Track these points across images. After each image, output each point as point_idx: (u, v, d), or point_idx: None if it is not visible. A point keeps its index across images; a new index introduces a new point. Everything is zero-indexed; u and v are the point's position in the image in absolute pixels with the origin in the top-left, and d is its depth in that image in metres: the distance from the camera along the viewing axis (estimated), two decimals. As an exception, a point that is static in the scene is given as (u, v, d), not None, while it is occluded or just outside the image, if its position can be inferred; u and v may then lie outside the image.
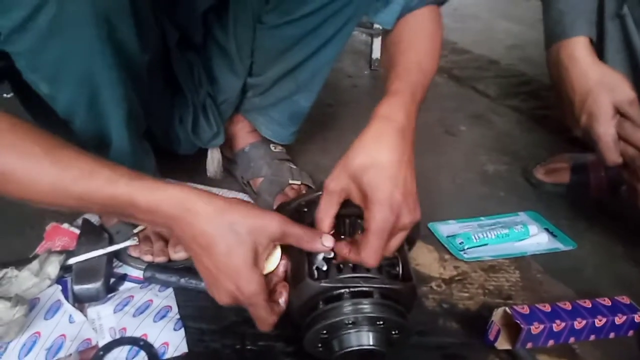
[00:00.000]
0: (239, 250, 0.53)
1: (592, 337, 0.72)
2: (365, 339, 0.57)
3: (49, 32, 0.59)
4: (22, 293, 0.68)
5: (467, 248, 0.90)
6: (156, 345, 0.66)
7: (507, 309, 0.69)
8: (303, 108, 0.98)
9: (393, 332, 0.59)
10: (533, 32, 1.84)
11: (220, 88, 0.98)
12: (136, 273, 0.78)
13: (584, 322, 0.70)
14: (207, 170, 1.02)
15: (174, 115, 0.95)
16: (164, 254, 0.79)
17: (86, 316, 0.69)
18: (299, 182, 1.00)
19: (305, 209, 0.63)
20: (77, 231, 0.81)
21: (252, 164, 1.01)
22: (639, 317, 0.72)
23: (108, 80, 0.66)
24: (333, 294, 0.58)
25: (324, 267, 0.60)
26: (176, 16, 0.89)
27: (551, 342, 0.70)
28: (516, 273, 0.86)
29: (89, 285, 0.71)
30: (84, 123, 0.71)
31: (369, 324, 0.58)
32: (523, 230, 0.93)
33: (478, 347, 0.71)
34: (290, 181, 0.99)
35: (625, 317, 0.71)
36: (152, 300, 0.73)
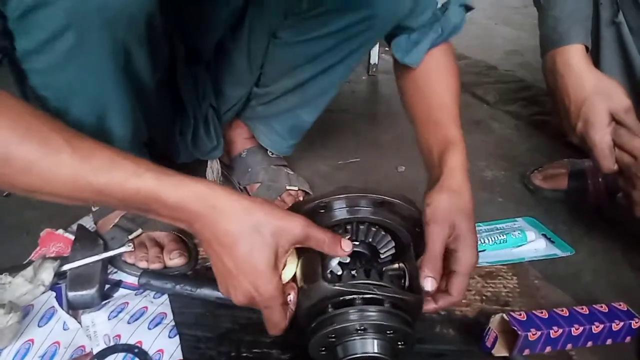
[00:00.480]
0: (262, 251, 0.53)
1: (590, 344, 0.72)
2: (370, 347, 0.57)
3: (66, 58, 0.59)
4: (16, 300, 0.68)
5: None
6: (151, 352, 0.66)
7: (505, 316, 0.68)
8: (305, 122, 0.98)
9: (399, 343, 0.59)
10: (532, 38, 1.83)
11: (225, 99, 0.98)
12: (131, 279, 0.78)
13: (582, 329, 0.70)
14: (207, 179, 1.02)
15: (175, 126, 0.94)
16: (159, 261, 0.79)
17: (80, 323, 0.69)
18: (297, 188, 1.00)
19: (322, 211, 0.62)
20: (72, 237, 0.81)
21: (249, 170, 1.01)
22: (636, 324, 0.72)
23: (118, 104, 0.66)
24: (345, 299, 0.57)
25: (339, 272, 0.59)
26: (188, 34, 0.88)
27: (548, 349, 0.70)
28: (514, 279, 0.85)
29: (84, 291, 0.71)
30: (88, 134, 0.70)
31: (377, 332, 0.57)
32: (521, 236, 0.92)
33: (475, 354, 0.70)
34: (287, 187, 0.99)
35: (622, 324, 0.71)
36: (147, 307, 0.73)
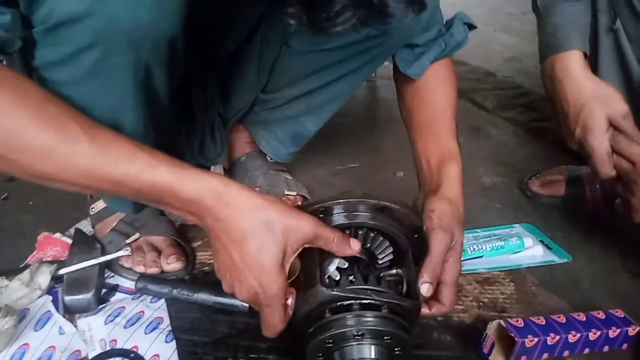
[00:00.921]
0: (271, 249, 0.53)
1: (587, 351, 0.71)
2: (367, 352, 0.57)
3: (88, 74, 0.58)
4: (12, 303, 0.68)
5: (462, 260, 0.89)
6: (147, 357, 0.66)
7: (502, 322, 0.68)
8: (308, 131, 0.98)
9: (396, 349, 0.59)
10: (530, 45, 1.84)
11: (231, 105, 0.97)
12: (128, 284, 0.78)
13: (579, 335, 0.69)
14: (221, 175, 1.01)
15: (182, 132, 0.93)
16: (157, 265, 0.79)
17: (76, 327, 0.69)
18: (295, 193, 1.00)
19: (321, 215, 0.62)
20: (69, 241, 0.81)
21: (248, 174, 1.01)
22: (633, 331, 0.72)
23: (133, 117, 0.65)
24: (343, 304, 0.57)
25: (337, 277, 0.59)
26: (204, 45, 0.88)
27: (545, 356, 0.70)
28: (511, 285, 0.85)
29: (80, 296, 0.71)
30: None
31: (375, 337, 0.57)
32: (518, 242, 0.92)
33: (472, 361, 0.70)
34: (286, 192, 0.99)
35: (619, 331, 0.71)
36: (144, 311, 0.73)
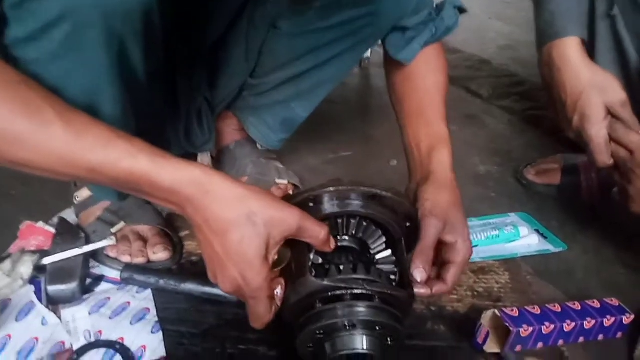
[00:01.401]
0: (253, 241, 0.51)
1: (581, 340, 0.71)
2: (359, 343, 0.56)
3: (60, 49, 0.56)
4: (-7, 294, 0.66)
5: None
6: (133, 348, 0.64)
7: (496, 311, 0.68)
8: (298, 116, 0.96)
9: (388, 339, 0.58)
10: (525, 33, 1.83)
11: (219, 91, 0.95)
12: (113, 274, 0.77)
13: (573, 325, 0.69)
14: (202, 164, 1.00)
15: (167, 118, 0.91)
16: (143, 255, 0.77)
17: (60, 318, 0.67)
18: (286, 182, 0.98)
19: (311, 204, 0.61)
20: (53, 230, 0.79)
21: (237, 162, 0.99)
22: (628, 319, 0.72)
23: (109, 96, 0.64)
24: (334, 294, 0.56)
25: (319, 261, 0.58)
26: (189, 29, 0.86)
27: (540, 345, 0.69)
28: (506, 275, 0.84)
29: (64, 286, 0.69)
30: None
31: (366, 328, 0.56)
32: (513, 231, 0.91)
33: (466, 351, 0.70)
34: (276, 180, 0.97)
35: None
36: (130, 302, 0.71)
